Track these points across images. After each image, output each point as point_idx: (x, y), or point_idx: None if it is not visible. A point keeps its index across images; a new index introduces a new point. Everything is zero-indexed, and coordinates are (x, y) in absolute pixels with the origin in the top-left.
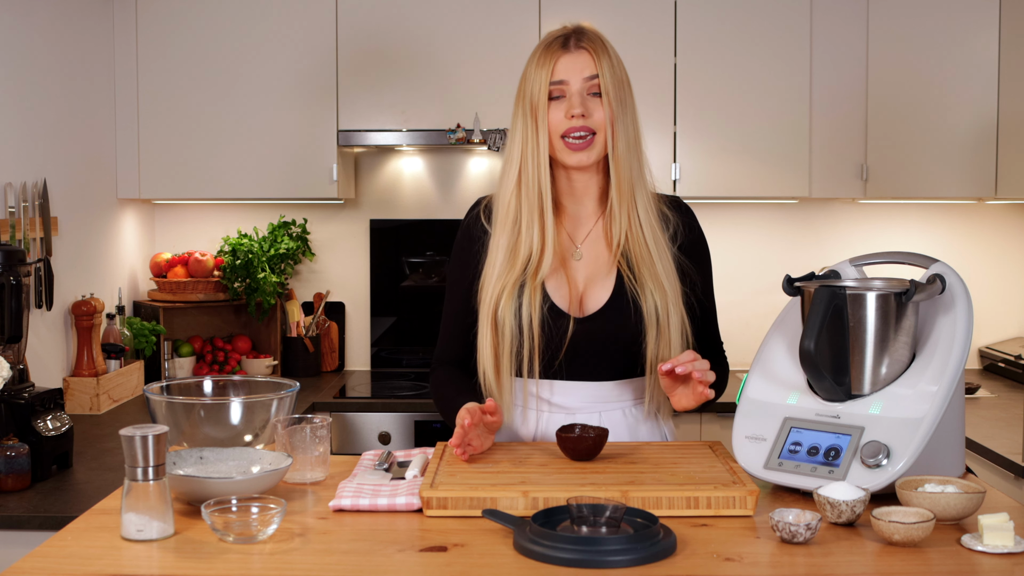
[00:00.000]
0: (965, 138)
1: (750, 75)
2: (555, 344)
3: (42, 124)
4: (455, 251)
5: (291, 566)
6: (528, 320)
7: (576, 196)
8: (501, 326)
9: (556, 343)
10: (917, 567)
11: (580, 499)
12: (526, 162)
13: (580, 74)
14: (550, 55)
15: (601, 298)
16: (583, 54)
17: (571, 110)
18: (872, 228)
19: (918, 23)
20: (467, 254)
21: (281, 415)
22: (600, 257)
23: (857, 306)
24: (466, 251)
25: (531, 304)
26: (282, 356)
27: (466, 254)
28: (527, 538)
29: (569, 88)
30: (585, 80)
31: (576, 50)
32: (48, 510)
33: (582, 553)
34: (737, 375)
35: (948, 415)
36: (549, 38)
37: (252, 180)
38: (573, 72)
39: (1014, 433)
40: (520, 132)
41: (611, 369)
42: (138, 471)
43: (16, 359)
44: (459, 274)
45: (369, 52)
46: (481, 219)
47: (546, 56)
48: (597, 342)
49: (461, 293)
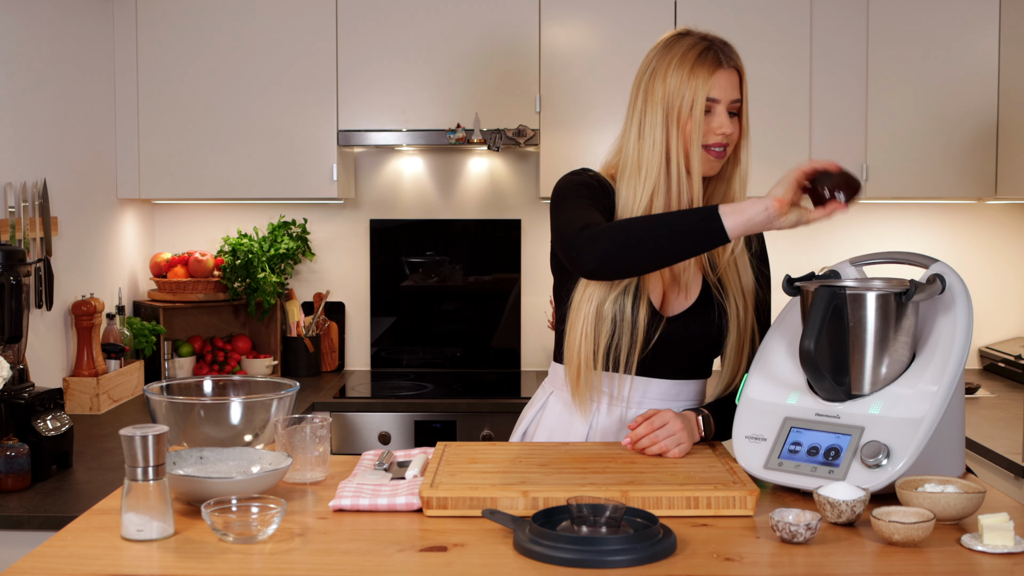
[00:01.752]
0: (965, 138)
1: (749, 75)
2: (646, 343)
3: (42, 124)
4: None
5: (291, 566)
6: (631, 317)
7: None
8: (603, 319)
9: (646, 342)
10: (917, 567)
11: (580, 499)
12: (674, 170)
13: (730, 95)
14: (705, 67)
15: (687, 299)
16: (733, 73)
17: (721, 128)
18: (872, 228)
19: (918, 23)
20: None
21: (281, 415)
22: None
23: (857, 306)
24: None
25: (638, 302)
26: (282, 356)
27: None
28: (527, 538)
29: (718, 106)
30: (731, 102)
31: (728, 67)
32: (48, 510)
33: (582, 553)
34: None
35: (948, 415)
36: (698, 47)
37: (252, 180)
38: (726, 92)
39: (1014, 433)
40: (661, 138)
41: (684, 369)
42: (138, 471)
43: (16, 359)
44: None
45: (369, 51)
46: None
47: (702, 67)
48: (679, 343)
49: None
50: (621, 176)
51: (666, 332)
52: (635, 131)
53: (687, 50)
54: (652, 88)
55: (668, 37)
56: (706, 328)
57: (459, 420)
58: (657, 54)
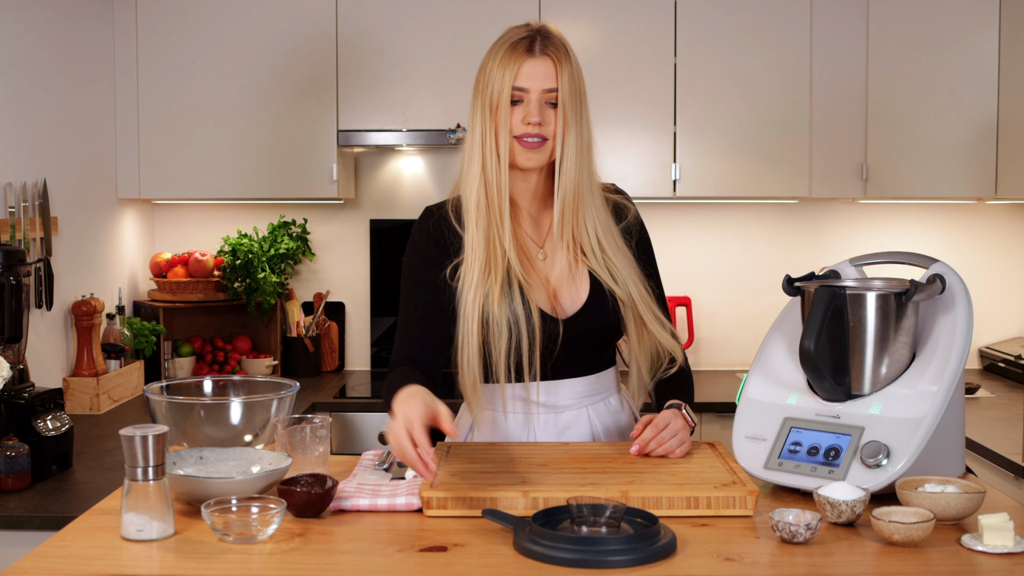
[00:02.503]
0: (965, 138)
1: (750, 75)
2: (548, 348)
3: (42, 124)
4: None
5: (291, 566)
6: (526, 321)
7: (531, 197)
8: (495, 328)
9: (549, 347)
10: (917, 567)
11: (580, 499)
12: (487, 160)
13: (541, 84)
14: (514, 57)
15: (579, 297)
16: (546, 62)
17: (528, 118)
18: (872, 228)
19: (918, 23)
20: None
21: (281, 415)
22: (563, 257)
23: (857, 306)
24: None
25: (525, 305)
26: (282, 356)
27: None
28: (527, 538)
29: (528, 95)
30: (544, 91)
31: (540, 56)
32: (48, 510)
33: (582, 553)
34: (737, 375)
35: (948, 415)
36: (514, 36)
37: (252, 180)
38: (535, 80)
39: (1014, 433)
40: (479, 129)
41: (591, 364)
42: (138, 471)
43: (16, 359)
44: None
45: (369, 52)
46: (451, 221)
47: (510, 57)
48: (581, 340)
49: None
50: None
51: (567, 333)
52: (469, 124)
53: (504, 41)
54: (478, 81)
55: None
56: (604, 319)
57: None
58: (489, 48)
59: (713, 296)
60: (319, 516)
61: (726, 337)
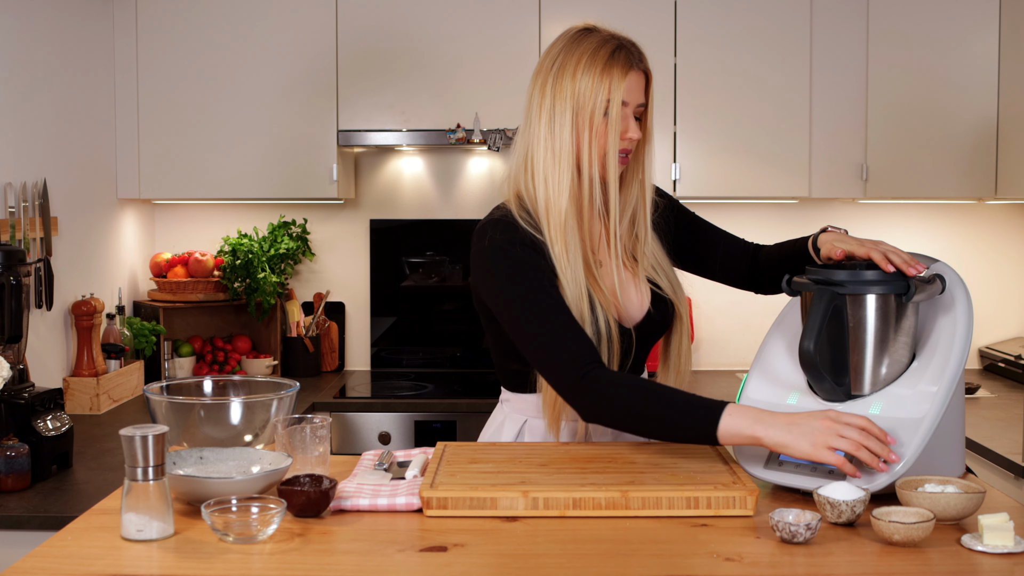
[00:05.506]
0: (965, 138)
1: (750, 75)
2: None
3: (42, 124)
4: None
5: (291, 566)
6: (607, 334)
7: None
8: None
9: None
10: (917, 567)
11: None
12: (584, 176)
13: (637, 98)
14: (619, 69)
15: (643, 304)
16: (642, 78)
17: (628, 132)
18: (872, 228)
19: (918, 23)
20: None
21: (281, 415)
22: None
23: (857, 306)
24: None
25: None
26: (282, 356)
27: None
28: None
29: (627, 110)
30: (638, 106)
31: (638, 70)
32: (48, 510)
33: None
34: (737, 375)
35: (948, 415)
36: (609, 44)
37: (252, 180)
38: (633, 95)
39: (1014, 433)
40: (572, 136)
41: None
42: (138, 471)
43: (16, 359)
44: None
45: (369, 52)
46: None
47: (615, 68)
48: (645, 346)
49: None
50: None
51: (639, 340)
52: (544, 131)
53: (597, 47)
54: (560, 86)
55: (574, 32)
56: (665, 323)
57: (459, 420)
58: (563, 49)
59: (713, 296)
60: (319, 516)
61: (726, 337)
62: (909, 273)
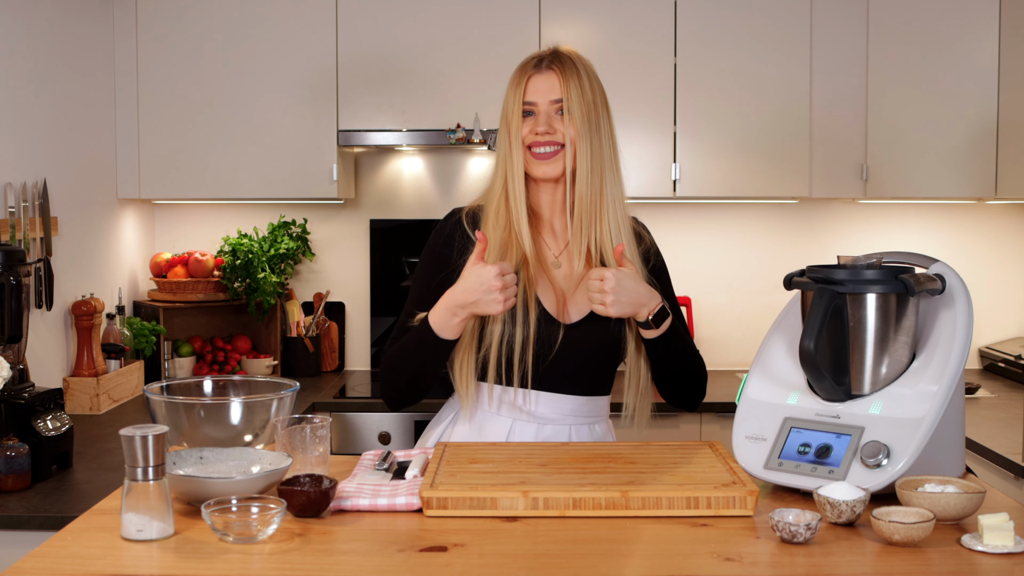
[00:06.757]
0: (965, 138)
1: (750, 75)
2: (544, 351)
3: (42, 124)
4: (431, 254)
5: (291, 566)
6: (523, 317)
7: (555, 209)
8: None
9: (545, 350)
10: (917, 567)
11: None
12: (507, 173)
13: (547, 96)
14: (523, 76)
15: (587, 306)
16: (551, 75)
17: (535, 127)
18: (872, 228)
19: (918, 23)
20: (445, 258)
21: (281, 415)
22: (579, 267)
23: (857, 306)
24: (443, 256)
25: (525, 302)
26: (282, 356)
27: (443, 258)
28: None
29: (538, 108)
30: (551, 102)
31: (546, 71)
32: (48, 510)
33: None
34: (737, 375)
35: (948, 415)
36: (526, 60)
37: (252, 180)
38: (541, 94)
39: (1014, 433)
40: (502, 146)
41: (585, 384)
42: (138, 471)
43: (16, 359)
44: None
45: (369, 52)
46: (465, 226)
47: (519, 77)
48: (580, 351)
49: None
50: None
51: (567, 340)
52: (497, 144)
53: (519, 66)
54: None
55: None
56: (604, 334)
57: None
58: None
59: (713, 296)
60: (319, 516)
61: (726, 337)
62: None
